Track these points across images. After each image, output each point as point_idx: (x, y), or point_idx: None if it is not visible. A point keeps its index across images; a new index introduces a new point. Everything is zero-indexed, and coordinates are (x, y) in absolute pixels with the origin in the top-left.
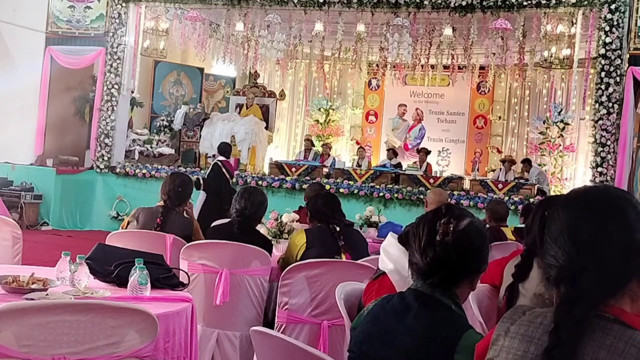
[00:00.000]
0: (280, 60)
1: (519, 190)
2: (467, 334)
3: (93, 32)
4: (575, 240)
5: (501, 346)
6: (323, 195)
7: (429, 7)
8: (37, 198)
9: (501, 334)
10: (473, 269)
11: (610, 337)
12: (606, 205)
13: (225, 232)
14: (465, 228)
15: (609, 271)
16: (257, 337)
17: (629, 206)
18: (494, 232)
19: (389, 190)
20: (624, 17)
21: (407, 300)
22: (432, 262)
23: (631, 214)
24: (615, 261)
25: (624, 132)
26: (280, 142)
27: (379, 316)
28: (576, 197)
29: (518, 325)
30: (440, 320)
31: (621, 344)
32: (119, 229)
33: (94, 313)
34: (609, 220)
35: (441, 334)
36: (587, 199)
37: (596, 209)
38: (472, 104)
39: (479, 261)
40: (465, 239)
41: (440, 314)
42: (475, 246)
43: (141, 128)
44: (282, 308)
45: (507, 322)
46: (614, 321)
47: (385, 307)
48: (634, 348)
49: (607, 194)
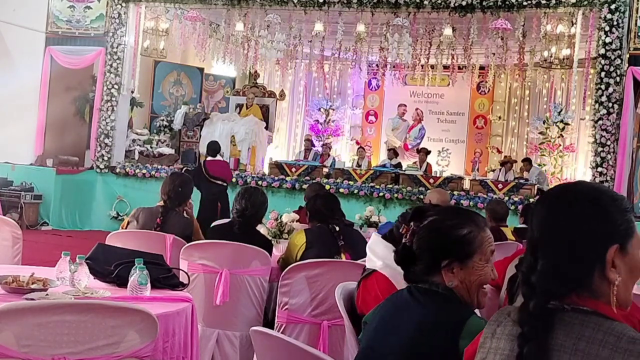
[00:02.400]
0: (280, 60)
1: (519, 190)
2: (471, 319)
3: (93, 32)
4: (529, 240)
5: (489, 348)
6: (322, 195)
7: (429, 7)
8: (37, 198)
9: (488, 336)
10: (438, 261)
11: (588, 328)
12: (557, 202)
13: (226, 232)
14: (428, 223)
15: (558, 267)
16: (257, 337)
17: (583, 201)
18: (493, 232)
19: (388, 190)
20: (624, 17)
21: (412, 293)
22: (401, 259)
23: (585, 209)
24: (565, 256)
25: (624, 132)
26: (280, 142)
27: (388, 310)
28: (540, 197)
29: (504, 326)
30: (443, 307)
31: (599, 334)
32: (119, 229)
33: (94, 313)
34: (558, 216)
35: (445, 320)
36: (542, 198)
37: (548, 207)
38: (472, 104)
39: (446, 250)
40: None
41: (442, 302)
42: (439, 233)
43: (141, 128)
44: (282, 308)
45: (494, 325)
46: (591, 313)
47: (393, 301)
48: (612, 337)
49: (563, 191)
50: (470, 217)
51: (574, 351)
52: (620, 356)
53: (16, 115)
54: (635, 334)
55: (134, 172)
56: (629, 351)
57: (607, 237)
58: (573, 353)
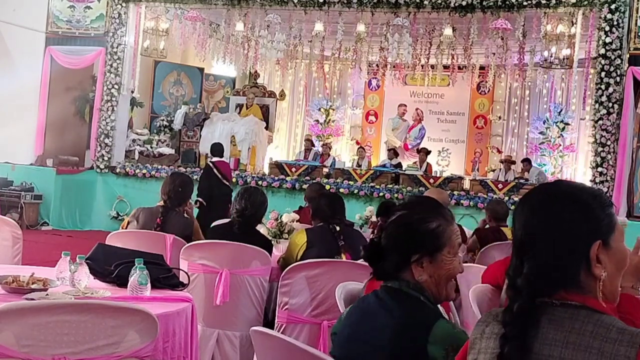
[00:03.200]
0: (280, 60)
1: (519, 190)
2: (438, 324)
3: (93, 32)
4: (514, 243)
5: (478, 348)
6: (327, 194)
7: (429, 7)
8: (37, 198)
9: (477, 337)
10: (405, 254)
11: (578, 321)
12: (538, 203)
13: (226, 232)
14: (396, 218)
15: (543, 267)
16: (257, 337)
17: (564, 200)
18: (494, 232)
19: (389, 190)
20: (624, 17)
21: (380, 297)
22: (368, 256)
23: (567, 207)
24: (550, 256)
25: (624, 132)
26: (280, 142)
27: (356, 317)
28: (521, 199)
29: (492, 326)
30: (410, 311)
31: (589, 326)
32: (119, 229)
33: (94, 313)
34: (540, 217)
35: (412, 325)
36: (524, 200)
37: (530, 208)
38: (472, 104)
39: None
40: (394, 224)
41: (410, 305)
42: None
43: (141, 128)
44: (282, 308)
45: (482, 325)
46: (580, 307)
47: (361, 307)
48: (602, 328)
49: (543, 191)
50: (437, 210)
51: (565, 344)
52: (610, 346)
53: (16, 115)
54: (624, 325)
55: (134, 172)
56: (619, 341)
57: (590, 234)
58: (565, 346)
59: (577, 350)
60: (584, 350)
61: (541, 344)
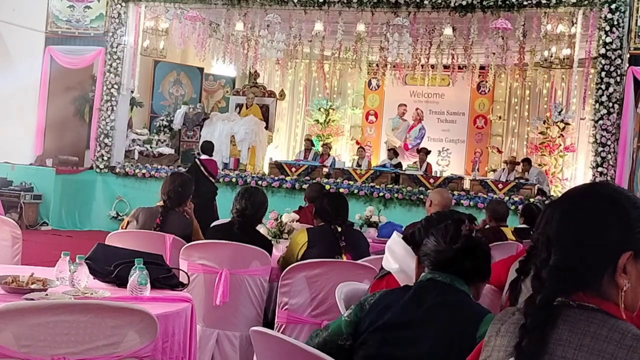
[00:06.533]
0: (280, 60)
1: (519, 190)
2: (487, 318)
3: (93, 32)
4: (545, 235)
5: (493, 346)
6: (331, 194)
7: (429, 7)
8: (37, 198)
9: (492, 335)
10: (484, 271)
11: (593, 325)
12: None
13: (226, 232)
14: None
15: (569, 265)
16: (257, 337)
17: (603, 203)
18: (494, 232)
19: (389, 190)
20: (624, 17)
21: (423, 288)
22: (463, 248)
23: (605, 212)
24: (577, 256)
25: (624, 132)
26: (280, 142)
27: (392, 305)
28: (562, 195)
29: (508, 324)
30: (462, 303)
31: (604, 330)
32: (119, 229)
33: (94, 313)
34: (577, 216)
35: (462, 316)
36: (564, 197)
37: (569, 205)
38: (472, 103)
39: (489, 267)
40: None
41: (461, 298)
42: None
43: (141, 128)
44: (282, 308)
45: (498, 324)
46: (597, 311)
47: (394, 296)
48: (617, 334)
49: (585, 191)
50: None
51: (579, 346)
52: (624, 352)
53: (16, 115)
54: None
55: (133, 172)
56: (633, 348)
57: (623, 243)
58: (578, 348)
59: (590, 353)
60: (597, 355)
61: (555, 344)
